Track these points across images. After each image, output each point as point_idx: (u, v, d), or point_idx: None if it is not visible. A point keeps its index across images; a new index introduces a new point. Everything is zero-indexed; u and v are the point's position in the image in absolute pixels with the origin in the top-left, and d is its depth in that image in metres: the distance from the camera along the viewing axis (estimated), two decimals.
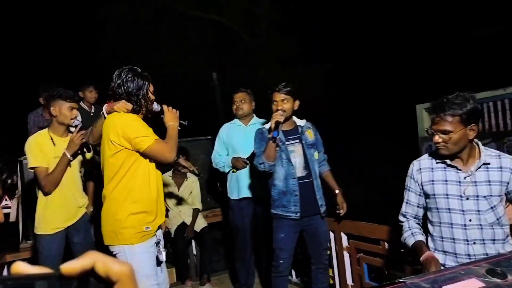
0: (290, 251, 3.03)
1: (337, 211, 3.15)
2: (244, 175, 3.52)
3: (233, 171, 3.55)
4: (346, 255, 3.36)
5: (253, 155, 3.19)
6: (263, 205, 3.39)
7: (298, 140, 3.04)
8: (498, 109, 6.15)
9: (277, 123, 2.86)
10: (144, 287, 2.25)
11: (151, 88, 2.45)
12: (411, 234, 2.19)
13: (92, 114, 4.83)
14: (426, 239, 2.20)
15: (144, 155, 2.31)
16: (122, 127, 2.27)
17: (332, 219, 3.35)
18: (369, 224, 3.10)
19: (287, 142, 3.02)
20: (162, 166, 2.50)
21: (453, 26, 7.24)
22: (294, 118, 3.10)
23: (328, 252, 3.36)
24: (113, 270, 0.36)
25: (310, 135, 3.10)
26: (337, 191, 3.18)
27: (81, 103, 4.80)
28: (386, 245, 2.98)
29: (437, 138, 2.02)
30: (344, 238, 3.35)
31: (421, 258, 2.03)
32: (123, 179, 2.31)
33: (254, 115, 3.69)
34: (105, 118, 2.39)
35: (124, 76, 2.37)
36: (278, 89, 2.97)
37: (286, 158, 2.99)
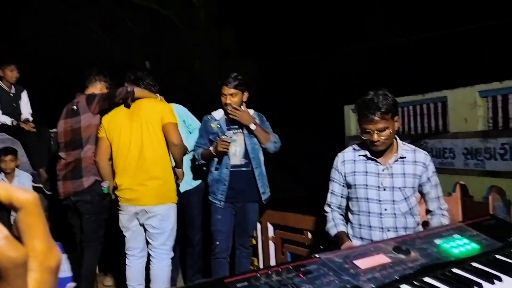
0: (227, 233, 3.08)
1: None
2: None
3: None
4: (271, 244, 3.45)
5: None
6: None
7: (240, 130, 3.09)
8: (417, 113, 6.64)
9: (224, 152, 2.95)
10: (173, 238, 2.94)
11: None
12: (334, 225, 2.30)
13: (12, 94, 4.51)
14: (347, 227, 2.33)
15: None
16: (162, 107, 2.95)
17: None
18: (294, 214, 3.21)
19: (229, 132, 3.06)
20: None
21: (380, 32, 7.67)
22: (243, 107, 3.12)
23: (254, 242, 3.43)
24: (16, 196, 0.35)
25: None
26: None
27: (0, 82, 4.47)
28: (310, 234, 3.11)
29: (376, 137, 2.12)
30: (270, 228, 3.44)
31: (341, 247, 2.15)
32: (164, 147, 2.87)
33: None
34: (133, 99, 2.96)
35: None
36: (228, 82, 2.99)
37: None
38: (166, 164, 2.87)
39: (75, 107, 3.14)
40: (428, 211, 2.28)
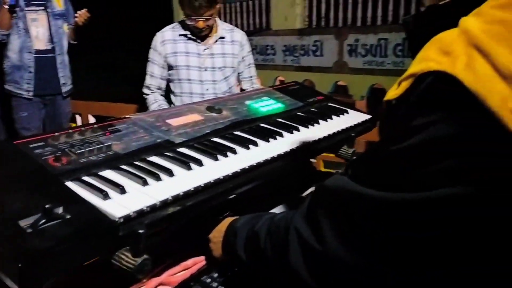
0: (36, 130, 2.79)
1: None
2: None
3: None
4: None
5: None
6: None
7: (43, 8, 2.67)
8: (243, 10, 6.73)
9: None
10: None
11: None
12: (158, 106, 2.26)
13: None
14: None
15: None
16: None
17: (79, 101, 3.16)
18: (117, 104, 3.06)
19: (27, 8, 2.60)
20: None
21: None
22: None
23: None
24: None
25: (58, 3, 2.77)
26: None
27: None
28: None
29: (202, 24, 2.07)
30: (92, 120, 3.23)
31: None
32: None
33: None
34: None
35: None
36: None
37: (23, 28, 2.60)
38: None
39: None
40: (242, 90, 2.41)
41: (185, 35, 2.21)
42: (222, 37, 2.23)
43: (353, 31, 5.38)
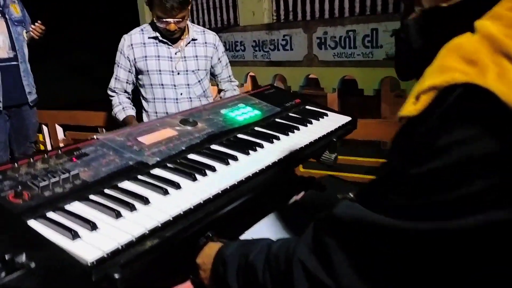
0: (3, 144, 2.64)
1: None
2: None
3: None
4: None
5: None
6: None
7: (0, 15, 2.54)
8: (210, 6, 6.62)
9: None
10: None
11: None
12: (122, 109, 2.17)
13: None
14: (141, 115, 2.23)
15: None
16: None
17: (45, 111, 3.02)
18: (85, 112, 2.93)
19: None
20: None
21: None
22: None
23: (43, 147, 3.07)
24: None
25: (15, 10, 2.64)
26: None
27: None
28: (104, 131, 2.91)
29: (174, 26, 2.00)
30: (59, 130, 3.09)
31: None
32: None
33: None
34: None
35: None
36: None
37: None
38: None
39: None
40: (220, 90, 2.34)
41: (155, 38, 2.11)
42: (194, 39, 2.16)
43: (321, 24, 5.36)
